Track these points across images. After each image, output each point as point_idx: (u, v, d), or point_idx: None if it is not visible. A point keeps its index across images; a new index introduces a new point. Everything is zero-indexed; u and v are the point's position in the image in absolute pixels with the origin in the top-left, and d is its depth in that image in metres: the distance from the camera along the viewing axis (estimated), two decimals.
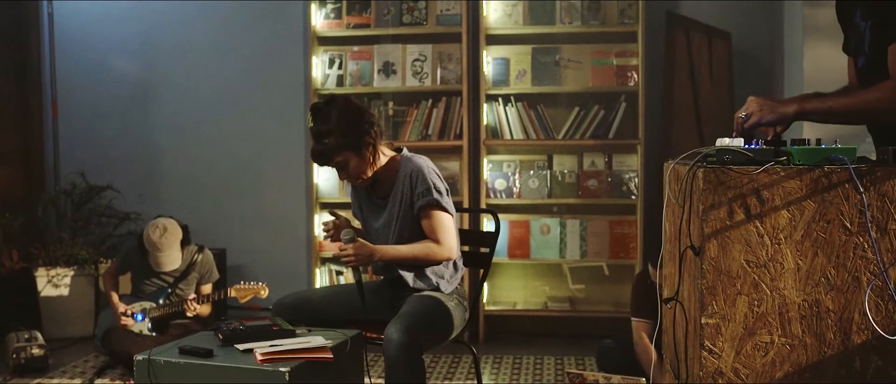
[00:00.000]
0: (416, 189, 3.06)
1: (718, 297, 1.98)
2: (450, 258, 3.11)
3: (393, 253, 3.07)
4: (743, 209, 1.96)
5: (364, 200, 3.27)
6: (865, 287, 1.93)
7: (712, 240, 1.97)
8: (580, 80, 5.14)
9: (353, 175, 3.09)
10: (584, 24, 5.11)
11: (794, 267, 1.95)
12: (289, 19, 5.47)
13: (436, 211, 3.06)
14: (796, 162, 1.96)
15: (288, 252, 5.53)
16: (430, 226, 3.07)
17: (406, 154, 3.18)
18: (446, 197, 3.10)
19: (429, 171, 3.09)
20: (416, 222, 3.10)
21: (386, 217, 3.15)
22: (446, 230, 3.07)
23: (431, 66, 5.24)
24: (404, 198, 3.09)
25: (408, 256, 3.08)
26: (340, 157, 3.03)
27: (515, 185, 5.18)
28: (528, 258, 5.18)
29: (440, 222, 3.06)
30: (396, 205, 3.11)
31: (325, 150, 3.02)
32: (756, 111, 2.14)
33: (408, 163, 3.12)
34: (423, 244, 3.07)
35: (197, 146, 5.66)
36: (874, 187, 1.92)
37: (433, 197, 3.04)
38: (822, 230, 1.94)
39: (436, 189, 3.06)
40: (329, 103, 3.06)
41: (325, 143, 3.01)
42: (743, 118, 2.15)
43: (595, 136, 5.10)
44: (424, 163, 3.13)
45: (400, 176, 3.11)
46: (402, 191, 3.09)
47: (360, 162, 3.05)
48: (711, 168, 1.97)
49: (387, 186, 3.16)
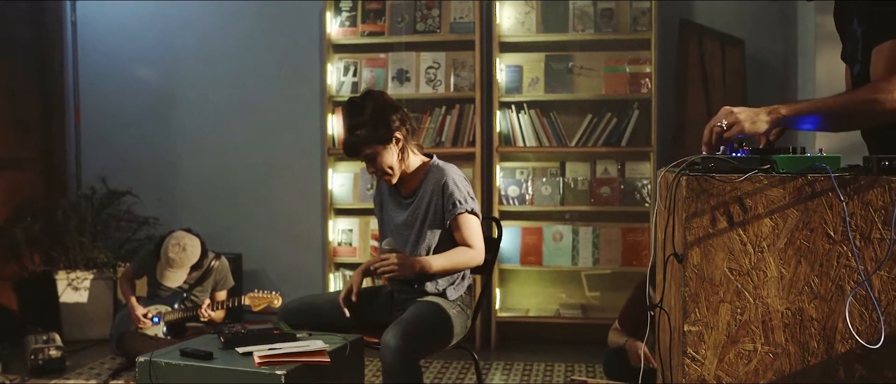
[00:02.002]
0: (450, 198, 3.10)
1: (701, 305, 1.98)
2: (481, 262, 3.14)
3: (439, 265, 3.07)
4: (726, 217, 1.97)
5: (387, 196, 3.32)
6: (848, 296, 1.93)
7: (695, 248, 1.98)
8: (593, 88, 5.15)
9: (380, 169, 3.14)
10: (597, 31, 5.13)
11: (777, 275, 1.96)
12: (305, 27, 5.54)
13: (469, 216, 3.12)
14: (780, 170, 1.97)
15: (303, 257, 5.59)
16: (464, 233, 3.11)
17: (437, 161, 3.24)
18: (475, 202, 3.17)
19: (460, 179, 3.17)
20: (445, 229, 3.14)
21: (408, 216, 3.20)
22: (479, 236, 3.14)
23: (445, 74, 5.28)
24: (433, 205, 3.13)
25: (448, 267, 3.10)
26: (370, 150, 3.09)
27: (528, 192, 5.20)
28: (541, 265, 5.20)
29: (472, 228, 3.12)
30: (421, 209, 3.16)
31: (355, 142, 3.09)
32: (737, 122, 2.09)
33: (438, 170, 3.18)
34: (461, 251, 3.09)
35: (215, 152, 5.74)
36: (858, 196, 1.92)
37: (467, 206, 3.11)
38: (805, 238, 1.95)
39: (470, 196, 3.14)
40: (365, 97, 3.15)
41: (357, 135, 3.08)
42: (721, 128, 2.12)
43: (608, 143, 5.10)
44: (455, 171, 3.20)
45: (429, 180, 3.17)
46: (430, 197, 3.14)
47: (389, 156, 3.11)
48: (694, 176, 1.98)
49: (413, 187, 3.22)
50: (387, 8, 5.35)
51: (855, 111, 2.08)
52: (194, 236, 4.60)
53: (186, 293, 4.65)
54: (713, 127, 2.12)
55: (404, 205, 3.22)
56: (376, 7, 5.37)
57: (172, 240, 4.52)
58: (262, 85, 5.67)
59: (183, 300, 4.63)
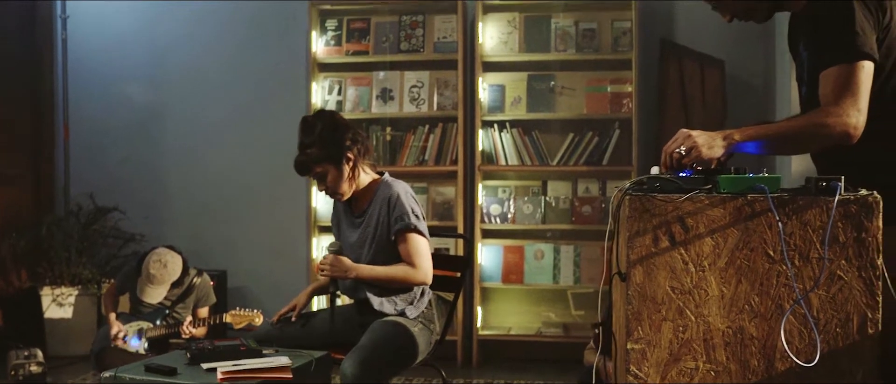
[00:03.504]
0: (394, 213, 3.14)
1: (644, 323, 2.01)
2: (425, 283, 3.17)
3: (369, 272, 3.14)
4: (668, 236, 2.00)
5: (342, 216, 3.37)
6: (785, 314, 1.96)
7: (638, 267, 2.01)
8: (575, 107, 5.19)
9: (330, 188, 3.19)
10: (578, 51, 5.17)
11: (718, 294, 1.99)
12: (291, 47, 5.59)
13: (412, 235, 3.13)
14: (722, 190, 2.00)
15: (288, 275, 5.62)
16: (406, 251, 3.14)
17: (387, 178, 3.27)
18: (422, 222, 3.18)
19: (406, 196, 3.18)
20: (391, 245, 3.17)
21: (360, 235, 3.24)
22: (422, 255, 3.14)
23: (428, 93, 5.32)
24: (381, 220, 3.17)
25: (384, 277, 3.15)
26: (320, 168, 3.15)
27: (510, 211, 5.23)
28: (523, 283, 5.22)
29: (416, 246, 3.13)
30: (372, 226, 3.19)
31: (305, 160, 3.14)
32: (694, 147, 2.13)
33: (387, 186, 3.22)
34: (400, 267, 3.15)
35: (201, 170, 5.79)
36: (796, 216, 1.95)
37: (410, 221, 3.12)
38: (745, 258, 1.97)
39: (413, 214, 3.14)
40: (317, 116, 3.22)
41: (307, 154, 3.13)
42: (679, 154, 2.14)
43: (589, 162, 5.13)
44: (403, 188, 3.22)
45: (378, 197, 3.20)
46: (378, 213, 3.18)
47: (339, 175, 3.16)
48: (637, 195, 2.01)
49: (364, 206, 3.26)
50: (372, 27, 5.41)
51: (803, 136, 2.12)
52: (176, 253, 4.63)
53: (168, 310, 4.67)
54: (671, 151, 2.15)
55: (356, 224, 3.26)
56: (361, 27, 5.42)
57: (153, 257, 4.55)
58: (248, 103, 5.72)
59: (165, 317, 4.66)
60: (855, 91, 2.03)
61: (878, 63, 2.07)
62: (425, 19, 5.35)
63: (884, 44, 2.09)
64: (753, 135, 2.15)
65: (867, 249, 1.94)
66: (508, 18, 5.27)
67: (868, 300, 1.94)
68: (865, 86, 2.03)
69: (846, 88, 2.03)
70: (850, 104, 2.03)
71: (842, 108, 2.06)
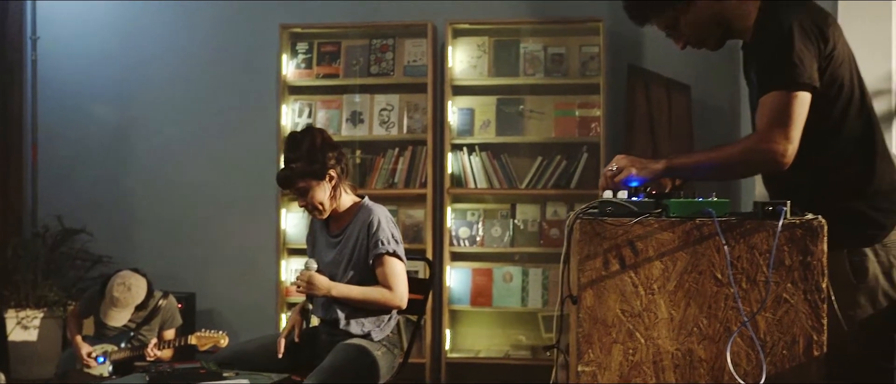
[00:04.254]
0: (373, 237, 3.17)
1: (594, 346, 2.03)
2: (400, 306, 3.20)
3: (347, 291, 3.17)
4: (618, 260, 2.02)
5: (319, 234, 3.40)
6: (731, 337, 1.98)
7: (588, 290, 2.03)
8: (543, 131, 5.23)
9: (311, 203, 3.22)
10: (547, 75, 5.22)
11: (667, 317, 2.01)
12: (261, 69, 5.61)
13: (391, 259, 3.17)
14: (671, 214, 2.03)
15: (256, 297, 5.60)
16: (383, 274, 3.17)
17: (367, 202, 3.32)
18: (400, 247, 3.22)
19: (387, 221, 3.23)
20: (368, 268, 3.19)
21: (336, 255, 3.26)
22: (399, 279, 3.18)
23: (398, 116, 5.35)
24: (359, 242, 3.20)
25: (360, 298, 3.17)
26: (303, 183, 3.18)
27: (479, 234, 5.25)
28: (491, 306, 5.23)
29: (393, 270, 3.17)
30: (349, 247, 3.22)
31: (289, 174, 3.18)
32: (627, 166, 2.19)
33: (368, 210, 3.25)
34: (377, 289, 3.18)
35: (170, 191, 5.77)
36: (744, 240, 1.98)
37: (389, 247, 3.16)
38: (694, 281, 2.00)
39: (393, 239, 3.18)
40: (305, 132, 3.28)
41: (292, 168, 3.17)
42: (612, 172, 2.20)
43: (557, 185, 5.17)
44: (383, 212, 3.27)
45: (357, 219, 3.24)
46: (357, 235, 3.21)
47: (321, 192, 3.19)
48: (588, 219, 2.04)
49: (342, 226, 3.28)
50: (342, 51, 5.44)
51: (734, 162, 2.16)
52: (140, 275, 4.61)
53: (133, 332, 4.64)
54: (606, 172, 2.22)
55: (332, 243, 3.28)
56: (332, 50, 5.45)
57: (117, 280, 4.53)
58: (218, 125, 5.72)
59: (130, 339, 4.62)
60: (786, 119, 2.07)
61: (822, 91, 2.11)
62: (395, 43, 5.38)
63: (827, 72, 2.13)
64: (688, 162, 2.20)
65: (813, 273, 1.97)
66: (478, 43, 5.31)
67: (814, 323, 1.97)
68: (798, 114, 2.07)
69: (778, 116, 2.07)
70: (780, 132, 2.07)
71: (771, 136, 2.10)
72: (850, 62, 2.21)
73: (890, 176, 2.22)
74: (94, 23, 5.83)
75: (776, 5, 2.19)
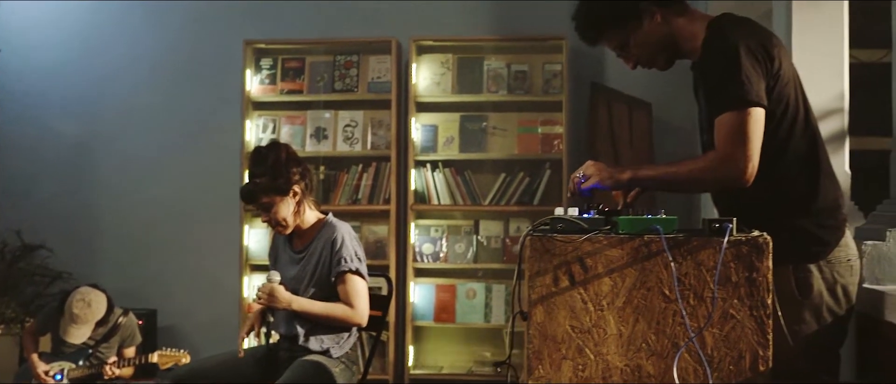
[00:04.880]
0: (337, 254, 3.17)
1: (545, 362, 2.04)
2: (361, 324, 3.20)
3: (308, 306, 3.17)
4: (568, 276, 2.04)
5: (281, 250, 3.40)
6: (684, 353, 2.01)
7: (539, 306, 2.05)
8: (506, 148, 5.26)
9: (274, 219, 3.22)
10: (510, 93, 5.26)
11: (616, 333, 2.03)
12: (225, 84, 5.58)
13: (353, 277, 3.17)
14: (620, 231, 2.05)
15: (219, 313, 5.56)
16: (345, 291, 3.17)
17: (331, 218, 3.32)
18: (363, 265, 3.22)
19: (350, 239, 3.24)
20: (330, 284, 3.19)
21: (298, 271, 3.26)
22: (361, 297, 3.18)
23: (362, 132, 5.36)
24: (322, 259, 3.20)
25: (321, 313, 3.17)
26: (267, 198, 3.18)
27: (442, 250, 5.26)
28: (454, 322, 5.23)
29: (356, 288, 3.17)
30: (312, 264, 3.22)
31: (253, 189, 3.18)
32: (594, 174, 2.24)
33: (332, 227, 3.26)
34: (339, 306, 3.18)
35: (133, 206, 5.72)
36: (691, 256, 2.01)
37: (352, 265, 3.17)
38: (642, 297, 2.02)
39: (356, 256, 3.19)
40: (270, 147, 3.28)
41: (256, 183, 3.17)
42: (580, 179, 2.25)
43: (520, 202, 5.20)
44: (347, 230, 3.28)
45: (321, 236, 3.24)
46: (321, 252, 3.21)
47: (285, 207, 3.19)
48: (538, 236, 2.06)
49: (306, 242, 3.28)
50: (306, 67, 5.44)
51: (695, 179, 2.20)
52: (100, 291, 4.56)
53: (91, 349, 4.58)
54: (574, 177, 2.25)
55: (296, 259, 3.28)
56: (296, 66, 5.45)
57: (77, 296, 4.47)
58: (181, 140, 5.69)
59: (88, 357, 4.57)
60: (744, 137, 2.11)
61: (768, 110, 2.15)
62: (360, 59, 5.40)
63: (774, 91, 2.17)
64: (652, 174, 2.23)
65: (758, 289, 2.00)
66: (442, 60, 5.34)
67: (759, 338, 2.00)
68: (755, 132, 2.11)
69: (736, 135, 2.11)
70: (739, 150, 2.11)
71: (733, 154, 2.14)
72: (795, 81, 2.26)
73: (834, 193, 2.26)
74: (57, 35, 5.79)
75: (722, 26, 2.23)
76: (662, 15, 2.33)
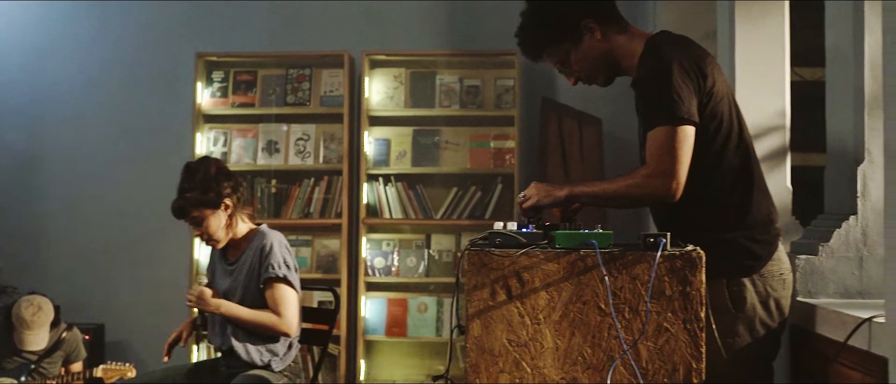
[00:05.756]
0: (266, 261, 3.17)
1: (482, 375, 2.06)
2: (288, 334, 3.18)
3: (236, 311, 3.17)
4: (505, 290, 2.06)
5: (217, 262, 3.39)
6: (619, 366, 2.03)
7: (476, 320, 2.06)
8: (459, 162, 5.28)
9: (205, 234, 3.22)
10: (462, 107, 5.29)
11: (552, 346, 2.05)
12: (176, 97, 5.54)
13: (280, 284, 3.16)
14: (557, 246, 2.08)
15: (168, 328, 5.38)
16: (273, 299, 3.16)
17: (263, 228, 3.31)
18: (293, 273, 3.20)
19: (280, 247, 3.21)
20: (260, 293, 3.17)
21: (231, 282, 3.26)
22: (289, 305, 3.16)
23: (314, 146, 5.34)
24: (252, 268, 3.20)
25: (249, 320, 3.16)
26: (197, 213, 3.18)
27: (394, 264, 5.26)
28: (406, 336, 5.23)
29: (283, 296, 3.16)
30: (243, 273, 3.22)
31: (183, 204, 3.18)
32: (534, 194, 2.27)
33: (262, 235, 3.26)
34: (266, 314, 3.17)
35: (81, 220, 5.64)
36: (626, 271, 2.04)
37: (279, 271, 3.14)
38: (578, 311, 2.05)
39: (285, 264, 3.16)
40: (200, 162, 3.29)
41: (186, 198, 3.16)
42: (522, 199, 2.28)
43: (472, 216, 5.22)
44: (277, 238, 3.26)
45: (252, 245, 3.24)
46: (251, 261, 3.21)
47: (216, 221, 3.19)
48: (476, 251, 2.07)
49: (238, 253, 3.28)
50: (258, 80, 5.42)
51: (627, 194, 2.23)
52: (44, 297, 4.51)
53: (34, 364, 4.50)
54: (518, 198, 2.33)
55: (228, 271, 3.28)
56: (248, 79, 5.43)
57: (24, 303, 4.40)
58: (131, 152, 5.63)
59: (30, 372, 4.49)
60: (672, 154, 2.15)
61: (702, 126, 2.20)
62: (312, 73, 5.39)
63: (708, 108, 2.21)
64: (587, 190, 2.27)
65: (692, 302, 2.03)
66: (394, 74, 5.35)
67: (693, 351, 2.03)
68: (684, 148, 2.15)
69: (665, 150, 2.15)
70: (667, 166, 2.15)
71: (660, 170, 2.18)
72: (730, 99, 2.31)
73: (767, 208, 2.31)
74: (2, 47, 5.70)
75: (658, 44, 2.27)
76: (602, 32, 2.37)
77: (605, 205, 2.39)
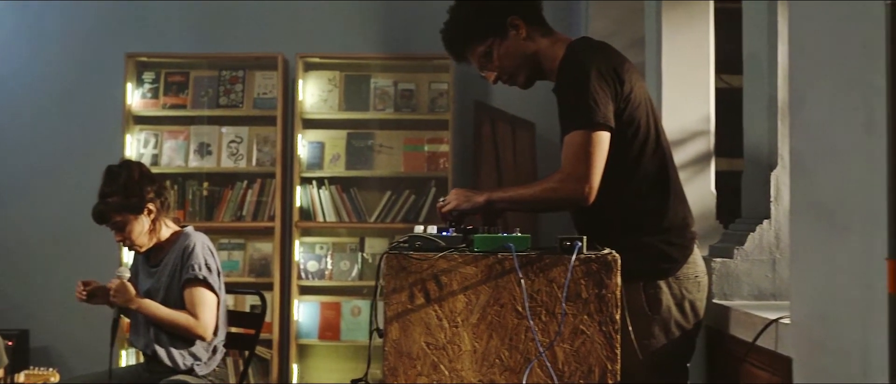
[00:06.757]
0: (187, 262, 3.14)
1: (400, 378, 2.06)
2: (204, 337, 3.14)
3: (152, 308, 3.13)
4: (423, 293, 2.06)
5: (140, 266, 3.36)
6: (535, 367, 2.06)
7: (394, 323, 2.06)
8: (392, 165, 5.29)
9: (128, 239, 3.17)
10: (397, 111, 5.29)
11: (470, 349, 2.06)
12: (105, 98, 5.43)
13: (199, 287, 3.12)
14: (475, 249, 2.09)
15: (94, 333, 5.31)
16: (191, 301, 3.14)
17: (187, 230, 3.27)
18: (214, 276, 3.17)
19: (202, 248, 3.18)
20: (180, 296, 3.13)
21: (153, 284, 3.22)
22: (207, 308, 3.13)
23: (247, 148, 5.30)
24: (174, 269, 3.17)
25: (165, 318, 3.12)
26: (119, 217, 3.13)
27: (327, 267, 5.24)
28: (339, 340, 5.21)
29: (202, 298, 3.13)
30: (165, 275, 3.19)
31: (104, 209, 3.13)
32: (453, 200, 2.29)
33: (185, 237, 3.23)
34: (183, 314, 3.14)
35: (6, 224, 5.50)
36: (543, 273, 2.06)
37: (199, 273, 3.11)
38: (496, 314, 2.06)
39: (205, 266, 3.13)
40: (122, 166, 3.24)
41: (108, 202, 3.11)
42: (442, 203, 2.30)
43: (406, 219, 5.22)
44: (201, 239, 3.23)
45: (175, 247, 3.21)
46: (173, 262, 3.18)
47: (138, 226, 3.14)
48: (395, 254, 2.08)
49: (161, 256, 3.24)
50: (190, 81, 5.35)
51: (541, 199, 2.27)
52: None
53: None
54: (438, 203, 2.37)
55: (151, 273, 3.25)
56: (180, 80, 5.36)
57: None
58: (58, 153, 5.50)
59: None
60: (586, 158, 2.19)
61: (619, 131, 2.24)
62: (245, 75, 5.34)
63: (625, 113, 2.25)
64: (505, 195, 2.30)
65: (607, 305, 2.06)
66: (329, 77, 5.34)
67: (608, 352, 2.07)
68: (598, 153, 2.19)
69: (578, 156, 2.19)
70: (581, 170, 2.19)
71: (574, 174, 2.23)
72: (647, 104, 2.35)
73: (682, 213, 2.36)
74: None
75: (577, 49, 2.31)
76: (528, 32, 2.40)
77: (523, 210, 2.42)
